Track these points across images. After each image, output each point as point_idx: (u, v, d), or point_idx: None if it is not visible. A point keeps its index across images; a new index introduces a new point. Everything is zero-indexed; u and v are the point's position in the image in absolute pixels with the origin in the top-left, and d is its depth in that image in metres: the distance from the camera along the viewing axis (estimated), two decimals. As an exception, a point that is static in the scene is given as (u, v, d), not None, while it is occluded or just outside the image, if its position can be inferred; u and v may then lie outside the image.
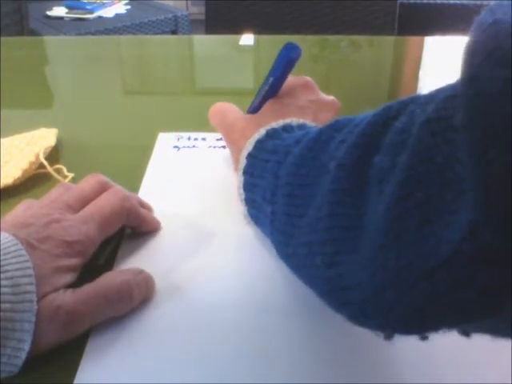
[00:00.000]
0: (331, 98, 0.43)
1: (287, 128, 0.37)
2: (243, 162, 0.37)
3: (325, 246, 0.25)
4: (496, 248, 0.16)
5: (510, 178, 0.15)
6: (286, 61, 0.39)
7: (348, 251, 0.24)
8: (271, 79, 0.41)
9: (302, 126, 0.37)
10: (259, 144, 0.36)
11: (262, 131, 0.37)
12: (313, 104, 0.41)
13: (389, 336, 0.23)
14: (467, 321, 0.19)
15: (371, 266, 0.21)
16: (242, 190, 0.37)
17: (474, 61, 0.16)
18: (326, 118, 0.41)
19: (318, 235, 0.26)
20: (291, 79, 0.44)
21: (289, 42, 0.38)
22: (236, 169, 0.40)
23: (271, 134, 0.36)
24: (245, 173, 0.37)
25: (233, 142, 0.42)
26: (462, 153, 0.17)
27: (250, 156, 0.37)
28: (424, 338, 0.23)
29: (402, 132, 0.22)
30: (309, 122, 0.38)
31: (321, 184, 0.27)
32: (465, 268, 0.17)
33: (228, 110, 0.45)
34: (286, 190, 0.30)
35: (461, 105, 0.17)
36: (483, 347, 0.30)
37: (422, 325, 0.21)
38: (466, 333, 0.22)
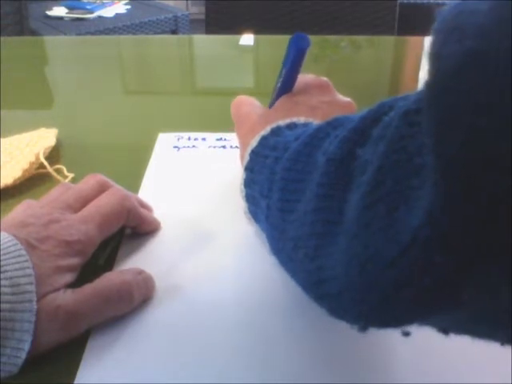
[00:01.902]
0: (347, 99, 0.42)
1: (291, 126, 0.37)
2: (247, 158, 0.37)
3: (308, 240, 0.25)
4: (452, 234, 0.16)
5: (465, 159, 0.15)
6: (296, 51, 0.39)
7: (328, 244, 0.24)
8: (284, 71, 0.41)
9: (306, 125, 0.37)
10: (263, 140, 0.36)
11: (268, 128, 0.37)
12: (325, 105, 0.40)
13: (363, 328, 0.23)
14: (432, 311, 0.19)
15: (345, 257, 0.21)
16: (242, 187, 0.37)
17: (437, 40, 0.16)
18: None
19: (303, 229, 0.26)
20: (308, 77, 0.43)
21: (297, 33, 0.38)
22: (242, 164, 0.40)
23: (276, 131, 0.36)
24: (246, 169, 0.37)
25: (241, 137, 0.42)
26: (425, 136, 0.17)
27: (253, 152, 0.36)
28: (406, 334, 0.22)
29: (387, 126, 0.22)
30: (317, 121, 0.38)
31: (311, 180, 0.27)
32: (423, 254, 0.17)
33: (245, 102, 0.44)
34: (280, 184, 0.30)
35: (425, 85, 0.17)
36: (483, 347, 0.30)
37: (392, 316, 0.20)
38: (444, 331, 0.22)
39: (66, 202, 0.35)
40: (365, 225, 0.20)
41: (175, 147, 0.52)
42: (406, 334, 0.22)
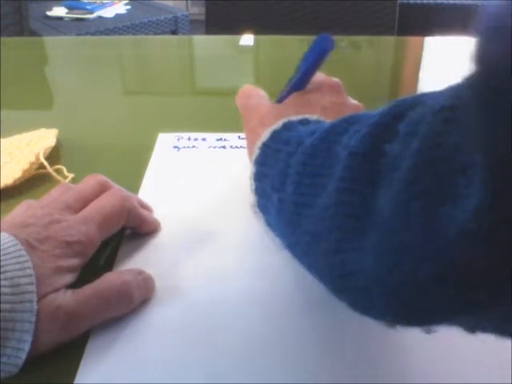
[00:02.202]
0: (356, 102, 0.42)
1: (304, 122, 0.36)
2: (257, 151, 0.37)
3: (330, 234, 0.25)
4: (499, 231, 0.16)
5: None
6: (320, 52, 0.39)
7: (352, 239, 0.24)
8: (302, 69, 0.41)
9: (318, 122, 0.37)
10: (275, 134, 0.36)
11: (279, 123, 0.37)
12: (336, 106, 0.40)
13: (390, 324, 0.23)
14: (469, 309, 0.19)
15: (376, 251, 0.21)
16: (252, 180, 0.37)
17: (485, 39, 0.16)
18: None
19: (324, 223, 0.26)
20: (321, 76, 0.43)
21: (322, 34, 0.39)
22: (249, 158, 0.40)
23: (288, 126, 0.36)
24: (256, 163, 0.36)
25: (249, 129, 0.41)
26: (471, 135, 0.17)
27: (264, 146, 0.36)
28: (428, 331, 0.22)
29: (416, 123, 0.22)
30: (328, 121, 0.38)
31: (333, 175, 0.27)
32: (468, 251, 0.17)
33: (254, 93, 0.44)
34: (294, 178, 0.30)
35: (468, 84, 0.17)
36: (483, 347, 0.30)
37: (426, 312, 0.20)
38: (472, 330, 0.22)
39: (66, 203, 0.35)
40: (401, 221, 0.20)
41: (175, 147, 0.52)
42: (429, 331, 0.22)
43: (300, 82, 0.41)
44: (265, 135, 0.37)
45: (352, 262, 0.23)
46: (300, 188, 0.29)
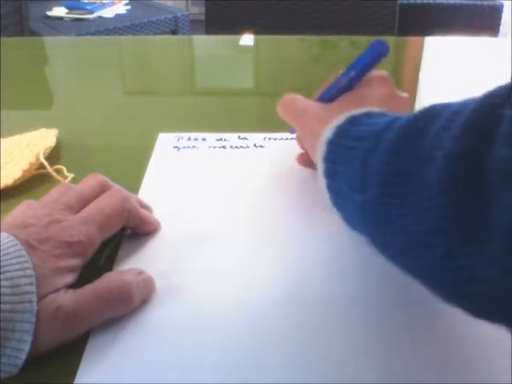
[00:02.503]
0: (405, 94, 0.43)
1: (369, 114, 0.36)
2: (323, 149, 0.36)
3: (439, 237, 0.25)
4: None
5: None
6: (376, 56, 0.40)
7: (467, 244, 0.23)
8: (352, 73, 0.41)
9: (383, 114, 0.36)
10: (339, 131, 0.35)
11: (342, 118, 0.36)
12: (389, 98, 0.41)
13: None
14: None
15: (504, 264, 0.21)
16: (322, 177, 0.36)
17: None
18: (401, 114, 0.40)
19: (429, 225, 0.25)
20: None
21: (378, 39, 0.40)
22: (312, 156, 0.40)
23: (352, 121, 0.35)
24: (326, 160, 0.36)
25: (305, 127, 0.41)
26: None
27: (330, 143, 0.36)
28: None
29: None
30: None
31: (424, 173, 0.26)
32: None
33: (298, 98, 0.44)
34: (379, 178, 0.30)
35: None
36: (483, 347, 0.30)
37: None
38: None
39: (66, 203, 0.35)
40: None
41: (175, 147, 0.52)
42: None
43: (351, 83, 0.42)
44: (328, 131, 0.36)
45: (472, 269, 0.23)
46: (387, 188, 0.29)
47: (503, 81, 0.24)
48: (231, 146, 0.52)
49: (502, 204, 0.22)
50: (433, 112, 0.29)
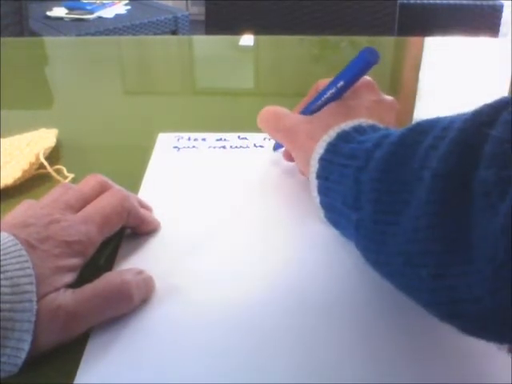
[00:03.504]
0: (391, 98, 0.42)
1: (359, 129, 0.36)
2: (315, 165, 0.36)
3: (427, 258, 0.25)
4: None
5: None
6: (364, 65, 0.39)
7: (456, 264, 0.23)
8: (341, 83, 0.40)
9: (373, 127, 0.36)
10: (331, 147, 0.36)
11: (332, 133, 0.36)
12: (377, 104, 0.40)
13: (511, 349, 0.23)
14: None
15: (492, 284, 0.21)
16: (316, 194, 0.37)
17: None
18: (390, 119, 0.40)
19: (418, 246, 0.25)
20: None
21: (367, 47, 0.38)
22: (304, 172, 0.40)
23: (343, 137, 0.35)
24: (319, 177, 0.36)
25: (299, 146, 0.40)
26: None
27: (322, 159, 0.36)
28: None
29: (501, 143, 0.22)
30: (377, 123, 0.37)
31: (414, 191, 0.26)
32: None
33: (282, 113, 0.43)
34: (371, 196, 0.30)
35: None
36: (483, 347, 0.30)
37: None
38: None
39: (66, 203, 0.35)
40: None
41: (175, 147, 0.52)
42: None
43: (340, 93, 0.41)
44: (319, 148, 0.36)
45: (460, 289, 0.23)
46: (380, 205, 0.29)
47: (503, 80, 0.24)
48: (231, 146, 0.52)
49: (483, 225, 0.22)
50: (422, 128, 0.29)
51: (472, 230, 0.23)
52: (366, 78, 0.42)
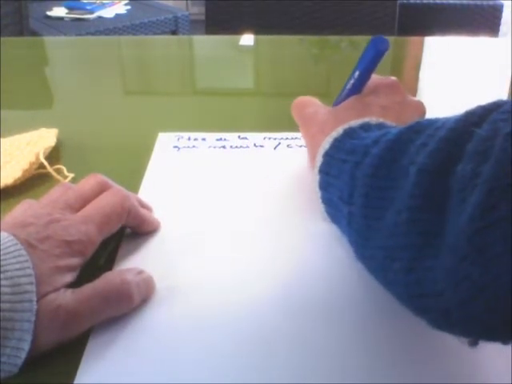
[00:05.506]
0: (417, 100, 0.42)
1: (365, 127, 0.36)
2: (320, 160, 0.37)
3: (403, 251, 0.25)
4: None
5: None
6: (374, 53, 0.39)
7: (426, 257, 0.23)
8: (357, 73, 0.41)
9: (380, 126, 0.36)
10: (337, 143, 0.36)
11: (340, 130, 0.36)
12: (397, 105, 0.40)
13: (473, 343, 0.23)
14: None
15: (454, 277, 0.21)
16: (317, 189, 0.37)
17: None
18: (409, 120, 0.40)
19: (396, 240, 0.26)
20: (377, 78, 0.43)
21: (376, 36, 0.38)
22: (312, 165, 0.40)
23: (349, 133, 0.36)
24: (321, 171, 0.36)
25: (310, 136, 0.41)
26: None
27: (326, 155, 0.36)
28: (506, 343, 0.22)
29: (484, 140, 0.22)
30: (389, 122, 0.37)
31: (400, 187, 0.27)
32: None
33: (309, 102, 0.44)
34: (363, 190, 0.30)
35: None
36: (483, 347, 0.30)
37: (510, 333, 0.20)
38: None
39: (66, 203, 0.35)
40: (478, 249, 0.20)
41: (175, 147, 0.52)
42: (506, 342, 0.22)
43: (357, 86, 0.41)
44: (326, 143, 0.36)
45: (428, 283, 0.23)
46: (369, 201, 0.29)
47: (503, 80, 0.24)
48: (231, 146, 0.52)
49: (454, 218, 0.22)
50: (419, 127, 0.29)
51: (446, 224, 0.23)
52: (391, 78, 0.43)
